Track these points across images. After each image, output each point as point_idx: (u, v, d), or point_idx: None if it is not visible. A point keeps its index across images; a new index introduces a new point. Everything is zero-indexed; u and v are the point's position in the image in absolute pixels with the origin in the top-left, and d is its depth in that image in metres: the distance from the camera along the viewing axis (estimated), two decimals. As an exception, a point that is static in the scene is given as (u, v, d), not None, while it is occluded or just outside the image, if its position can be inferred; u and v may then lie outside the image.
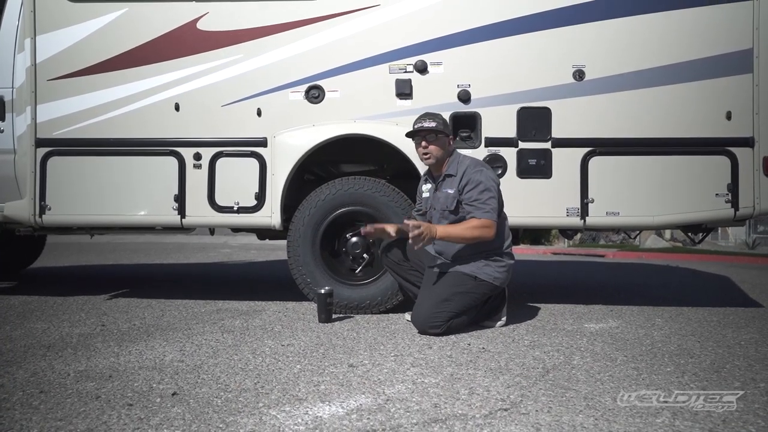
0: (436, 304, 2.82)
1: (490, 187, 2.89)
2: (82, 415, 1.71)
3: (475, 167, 2.95)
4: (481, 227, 2.83)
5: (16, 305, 3.62)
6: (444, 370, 2.21)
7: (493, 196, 2.88)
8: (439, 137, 2.97)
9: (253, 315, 3.33)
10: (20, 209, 3.55)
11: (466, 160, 3.01)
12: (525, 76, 3.33)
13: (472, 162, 3.00)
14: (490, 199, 2.87)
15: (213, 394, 1.90)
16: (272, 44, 3.41)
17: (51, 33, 3.49)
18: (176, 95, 3.46)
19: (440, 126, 2.97)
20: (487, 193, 2.87)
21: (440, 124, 2.97)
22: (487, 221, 2.84)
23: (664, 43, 3.27)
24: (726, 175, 3.26)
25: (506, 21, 3.32)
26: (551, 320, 3.24)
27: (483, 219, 2.84)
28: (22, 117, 3.57)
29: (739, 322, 3.29)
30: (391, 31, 3.37)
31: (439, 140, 2.97)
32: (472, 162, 3.00)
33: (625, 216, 3.33)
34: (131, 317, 3.24)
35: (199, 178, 3.46)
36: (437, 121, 2.97)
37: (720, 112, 3.26)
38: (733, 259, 9.25)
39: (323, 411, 1.75)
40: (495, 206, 2.88)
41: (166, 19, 3.44)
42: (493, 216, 2.86)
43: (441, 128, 2.96)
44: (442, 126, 2.97)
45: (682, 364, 2.32)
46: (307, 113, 3.42)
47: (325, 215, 3.39)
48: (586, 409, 1.78)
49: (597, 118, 3.31)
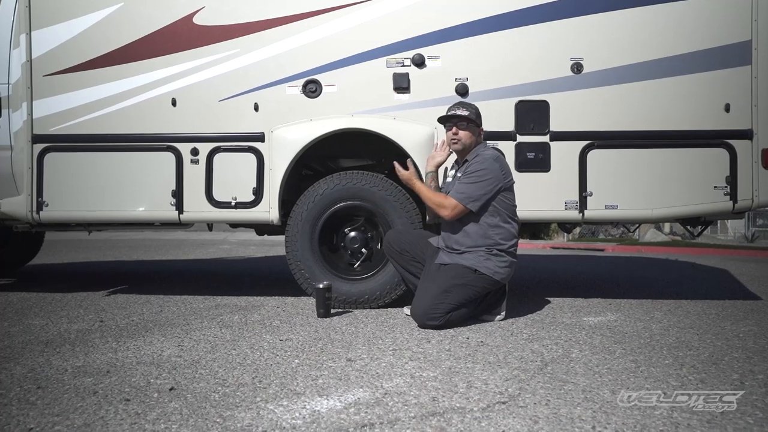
0: (435, 295, 2.82)
1: (481, 179, 2.91)
2: (80, 410, 1.71)
3: (485, 157, 2.98)
4: (439, 204, 3.00)
5: (14, 302, 3.62)
6: (442, 363, 2.20)
7: (475, 186, 2.92)
8: (470, 126, 3.02)
9: (251, 310, 3.33)
10: (17, 206, 3.54)
11: (487, 152, 3.04)
12: (523, 70, 3.32)
13: (488, 153, 3.02)
14: (470, 185, 2.93)
15: (211, 389, 1.90)
16: (269, 38, 3.39)
17: (47, 28, 3.47)
18: (173, 90, 3.44)
19: (473, 115, 3.02)
20: (472, 179, 2.92)
21: (473, 113, 3.03)
22: (451, 202, 2.96)
23: (662, 36, 3.26)
24: (725, 167, 3.26)
25: (504, 14, 3.31)
26: (550, 314, 3.24)
27: (449, 197, 2.97)
28: (19, 113, 3.55)
29: (737, 314, 3.29)
30: (389, 25, 3.35)
31: (470, 128, 3.03)
32: (488, 153, 3.02)
33: (623, 209, 3.32)
34: (129, 313, 3.24)
35: (197, 174, 3.45)
36: (470, 110, 3.04)
37: (719, 104, 3.25)
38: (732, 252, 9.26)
39: (321, 405, 1.75)
40: (472, 194, 2.92)
41: (162, 14, 3.42)
42: (464, 201, 2.93)
43: (473, 117, 3.02)
44: (474, 116, 3.03)
45: (681, 357, 2.32)
46: (304, 108, 3.40)
47: (323, 210, 3.38)
48: (585, 402, 1.78)
49: (595, 111, 3.30)
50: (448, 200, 2.97)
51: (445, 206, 2.97)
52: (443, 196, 3.04)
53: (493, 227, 2.95)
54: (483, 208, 2.93)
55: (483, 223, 2.95)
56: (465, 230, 2.98)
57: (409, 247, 3.18)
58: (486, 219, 2.95)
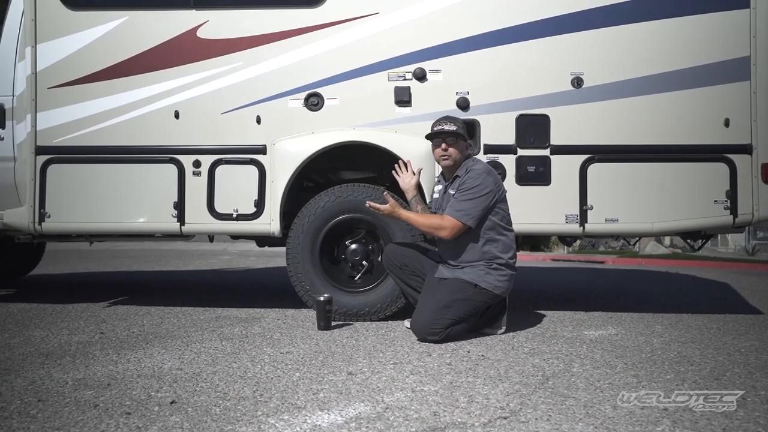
0: (435, 310, 2.82)
1: (479, 194, 2.88)
2: (80, 423, 1.71)
3: (478, 172, 2.94)
4: (437, 227, 2.93)
5: (14, 313, 3.61)
6: (443, 377, 2.20)
7: (474, 202, 2.88)
8: (458, 141, 3.01)
9: (252, 322, 3.33)
10: (20, 217, 3.55)
11: (476, 165, 3.01)
12: (523, 84, 3.34)
13: (480, 167, 2.99)
14: (468, 201, 2.89)
15: (211, 403, 1.90)
16: (272, 52, 3.42)
17: (52, 41, 3.50)
18: (176, 103, 3.47)
19: (460, 129, 3.01)
20: (469, 196, 2.88)
21: (460, 127, 3.03)
22: (449, 221, 2.90)
23: (661, 51, 3.29)
24: (725, 182, 3.27)
25: (505, 29, 3.34)
26: (551, 327, 3.23)
27: (446, 217, 2.91)
28: (23, 125, 3.58)
29: (739, 329, 3.28)
30: (390, 39, 3.38)
31: (458, 144, 3.02)
32: (480, 167, 2.99)
33: (624, 223, 3.33)
34: (130, 325, 3.24)
35: (199, 186, 3.46)
36: (457, 125, 3.02)
37: (718, 119, 3.27)
38: (732, 265, 9.25)
39: (322, 419, 1.75)
40: (470, 211, 2.88)
41: (166, 28, 3.46)
42: (463, 219, 2.88)
43: (461, 132, 3.01)
44: (462, 130, 3.02)
45: (682, 372, 2.31)
46: (306, 120, 3.43)
47: (324, 222, 3.39)
48: (586, 417, 1.77)
49: (595, 125, 3.32)
50: (446, 220, 2.92)
51: (444, 227, 2.91)
52: (438, 217, 2.99)
53: (490, 241, 2.94)
54: (480, 222, 2.93)
55: (480, 237, 2.94)
56: (463, 246, 2.96)
57: (409, 261, 3.17)
58: (483, 233, 2.94)
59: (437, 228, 2.94)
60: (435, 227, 2.95)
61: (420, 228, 3.04)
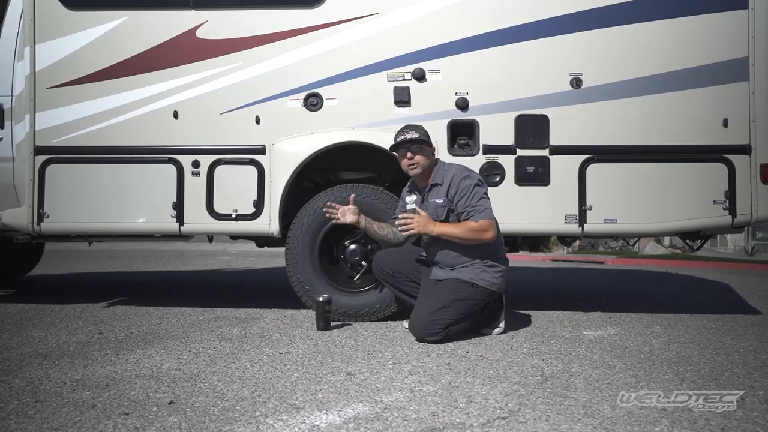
0: (434, 311, 2.82)
1: (482, 190, 2.93)
2: (78, 424, 1.70)
3: (462, 174, 2.95)
4: (479, 230, 2.87)
5: (13, 313, 3.61)
6: (442, 378, 2.20)
7: (485, 198, 2.93)
8: (423, 147, 3.00)
9: (251, 323, 3.33)
10: (18, 217, 3.55)
11: (452, 168, 3.01)
12: (523, 84, 3.34)
13: (458, 169, 3.00)
14: (481, 200, 2.91)
15: (210, 403, 1.89)
16: (271, 52, 3.42)
17: (51, 41, 3.50)
18: (175, 103, 3.47)
19: (423, 136, 3.00)
20: (478, 195, 2.91)
21: (423, 134, 3.01)
22: (486, 222, 2.88)
23: (660, 51, 3.29)
24: (723, 182, 3.27)
25: (504, 29, 3.34)
26: (550, 327, 3.23)
27: (482, 221, 2.88)
28: (21, 125, 3.57)
29: (737, 329, 3.28)
30: (390, 39, 3.38)
31: (423, 150, 3.00)
32: (458, 169, 3.00)
33: (623, 223, 3.33)
34: (129, 325, 3.23)
35: (198, 186, 3.46)
36: (420, 132, 3.01)
37: (717, 119, 3.28)
38: (731, 265, 9.25)
39: (320, 420, 1.75)
40: (490, 207, 2.92)
41: (165, 28, 3.46)
42: (490, 215, 2.90)
43: (425, 138, 3.00)
44: (425, 136, 3.01)
45: (681, 372, 2.31)
46: (305, 121, 3.43)
47: (323, 223, 3.39)
48: (585, 418, 1.77)
49: (595, 125, 3.32)
50: (481, 223, 2.86)
51: (485, 229, 2.86)
52: (471, 222, 2.88)
53: None
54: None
55: None
56: (457, 246, 2.93)
57: (401, 267, 3.12)
58: None
59: (482, 231, 2.86)
60: (479, 230, 2.86)
61: (461, 237, 2.88)
